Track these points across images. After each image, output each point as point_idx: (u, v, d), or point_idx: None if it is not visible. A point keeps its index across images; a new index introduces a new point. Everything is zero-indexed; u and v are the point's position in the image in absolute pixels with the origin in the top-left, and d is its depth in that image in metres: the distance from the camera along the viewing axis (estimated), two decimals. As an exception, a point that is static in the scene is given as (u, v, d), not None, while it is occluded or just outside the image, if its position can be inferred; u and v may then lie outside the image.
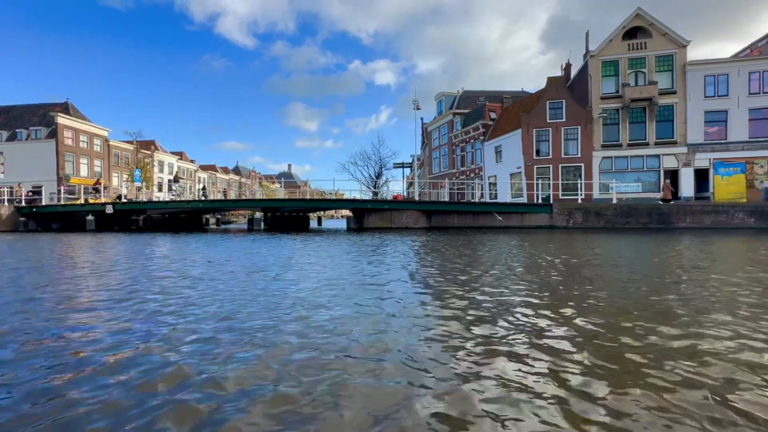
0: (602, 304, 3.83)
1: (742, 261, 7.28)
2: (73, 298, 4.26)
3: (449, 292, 4.41)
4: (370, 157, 42.79)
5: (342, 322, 3.21)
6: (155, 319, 3.35)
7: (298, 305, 3.82)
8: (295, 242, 12.65)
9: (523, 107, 29.04)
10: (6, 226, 23.36)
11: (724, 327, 3.03)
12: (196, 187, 60.31)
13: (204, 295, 4.36)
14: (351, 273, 5.94)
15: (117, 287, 4.85)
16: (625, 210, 20.00)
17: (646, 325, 3.10)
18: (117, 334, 2.94)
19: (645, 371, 2.22)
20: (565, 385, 2.04)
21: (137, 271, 6.23)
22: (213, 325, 3.14)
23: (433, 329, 3.01)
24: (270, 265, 6.85)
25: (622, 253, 8.82)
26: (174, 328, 3.07)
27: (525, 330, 2.99)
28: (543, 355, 2.46)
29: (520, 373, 2.19)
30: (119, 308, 3.75)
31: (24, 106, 42.48)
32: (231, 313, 3.52)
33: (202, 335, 2.89)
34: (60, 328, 3.09)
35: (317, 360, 2.39)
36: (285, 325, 3.15)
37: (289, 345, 2.67)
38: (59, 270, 6.53)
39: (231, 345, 2.67)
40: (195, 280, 5.34)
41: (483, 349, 2.57)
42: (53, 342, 2.77)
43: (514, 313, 3.50)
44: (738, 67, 23.97)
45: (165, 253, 9.24)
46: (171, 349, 2.58)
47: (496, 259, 7.55)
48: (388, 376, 2.17)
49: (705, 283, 4.94)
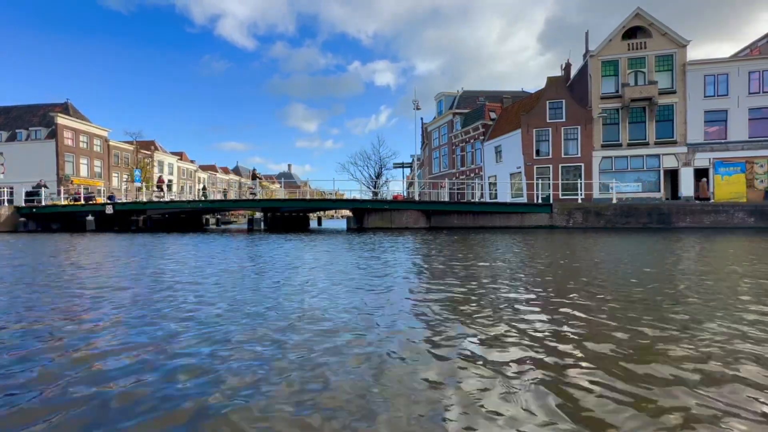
0: (603, 304, 3.83)
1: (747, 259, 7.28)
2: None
3: (458, 292, 4.41)
4: (370, 157, 42.74)
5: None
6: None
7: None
8: (300, 245, 12.61)
9: (522, 107, 29.03)
10: (6, 227, 23.36)
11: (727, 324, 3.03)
12: (196, 188, 60.31)
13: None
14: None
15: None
16: (625, 210, 20.00)
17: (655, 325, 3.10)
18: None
19: (644, 372, 2.22)
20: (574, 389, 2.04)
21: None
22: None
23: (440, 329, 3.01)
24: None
25: (626, 254, 8.81)
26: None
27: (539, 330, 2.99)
28: (552, 355, 2.46)
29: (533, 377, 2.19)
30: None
31: (24, 107, 42.48)
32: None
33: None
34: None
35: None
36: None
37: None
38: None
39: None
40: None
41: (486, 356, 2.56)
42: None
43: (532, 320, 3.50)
44: (738, 66, 23.96)
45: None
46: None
47: (502, 259, 7.55)
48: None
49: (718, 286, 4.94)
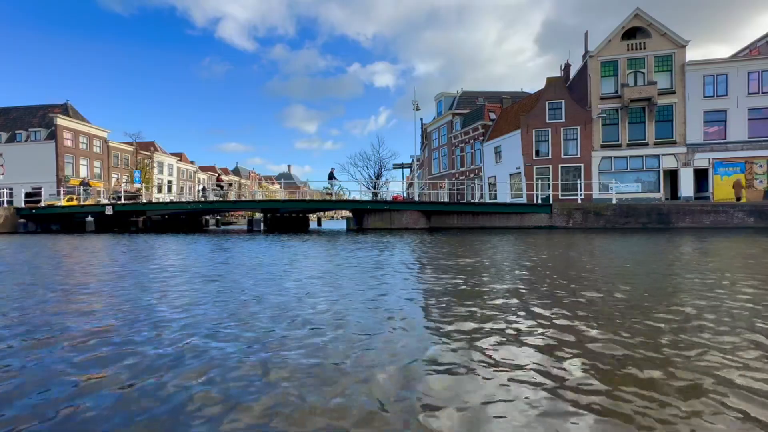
0: (602, 305, 3.83)
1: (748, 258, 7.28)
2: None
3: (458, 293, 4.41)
4: (369, 157, 42.82)
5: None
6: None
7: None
8: (304, 249, 12.58)
9: (522, 108, 29.05)
10: (6, 228, 23.34)
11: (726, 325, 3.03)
12: (195, 188, 60.27)
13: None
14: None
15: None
16: (625, 210, 20.01)
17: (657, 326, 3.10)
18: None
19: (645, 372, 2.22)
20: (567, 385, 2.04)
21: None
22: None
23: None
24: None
25: (629, 255, 8.82)
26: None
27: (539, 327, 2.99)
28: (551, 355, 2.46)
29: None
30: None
31: (23, 108, 42.47)
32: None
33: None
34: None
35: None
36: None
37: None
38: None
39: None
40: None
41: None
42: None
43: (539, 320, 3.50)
44: (737, 67, 23.99)
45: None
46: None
47: (507, 261, 7.54)
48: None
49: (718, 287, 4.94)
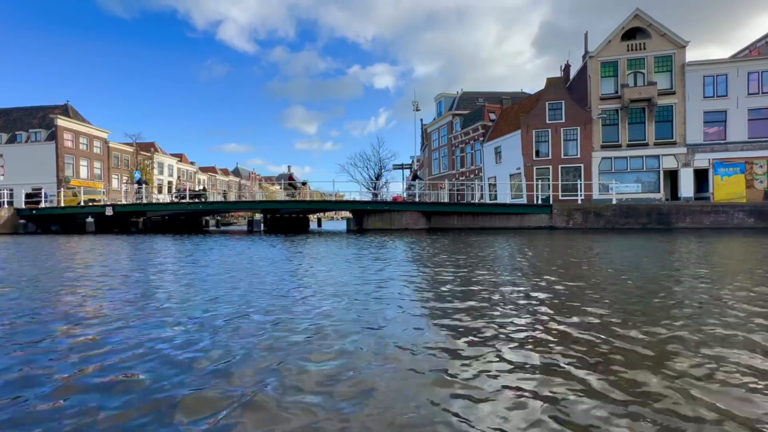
0: (603, 306, 3.83)
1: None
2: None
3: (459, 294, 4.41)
4: (369, 158, 42.76)
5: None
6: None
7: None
8: (305, 250, 12.54)
9: (522, 108, 29.05)
10: (6, 229, 23.34)
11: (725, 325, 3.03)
12: (195, 189, 60.22)
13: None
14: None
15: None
16: (625, 210, 20.01)
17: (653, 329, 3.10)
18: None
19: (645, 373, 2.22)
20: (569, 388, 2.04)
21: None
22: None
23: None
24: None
25: (630, 257, 8.81)
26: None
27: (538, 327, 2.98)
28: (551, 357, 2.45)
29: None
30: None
31: (24, 109, 42.46)
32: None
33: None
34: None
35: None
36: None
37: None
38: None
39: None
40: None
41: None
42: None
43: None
44: (737, 67, 23.98)
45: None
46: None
47: (508, 262, 7.54)
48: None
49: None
